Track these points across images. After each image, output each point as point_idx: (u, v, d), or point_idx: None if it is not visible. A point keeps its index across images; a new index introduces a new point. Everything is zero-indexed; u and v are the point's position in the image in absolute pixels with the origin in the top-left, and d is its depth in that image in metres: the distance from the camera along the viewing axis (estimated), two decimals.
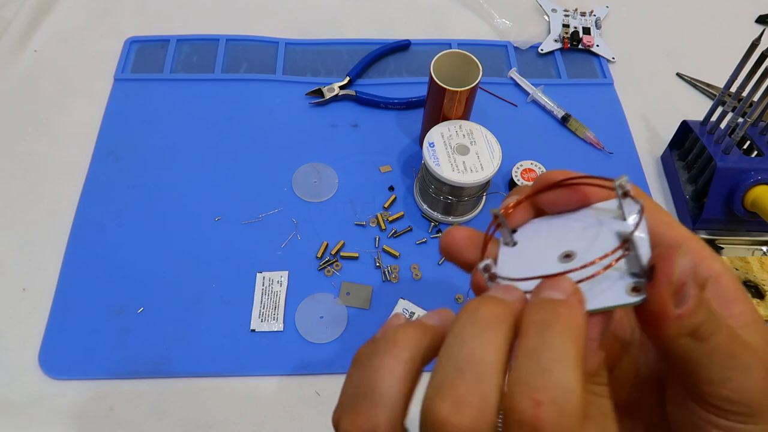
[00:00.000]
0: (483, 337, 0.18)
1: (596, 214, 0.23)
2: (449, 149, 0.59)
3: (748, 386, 0.20)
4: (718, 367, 0.20)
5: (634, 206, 0.22)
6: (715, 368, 0.20)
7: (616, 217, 0.22)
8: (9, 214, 0.64)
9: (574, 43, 0.81)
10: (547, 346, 0.18)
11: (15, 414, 0.52)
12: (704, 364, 0.20)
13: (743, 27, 0.86)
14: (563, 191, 0.23)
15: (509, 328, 0.19)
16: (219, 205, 0.65)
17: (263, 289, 0.60)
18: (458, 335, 0.19)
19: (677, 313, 0.20)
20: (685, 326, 0.20)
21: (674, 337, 0.20)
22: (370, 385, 0.20)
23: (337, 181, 0.68)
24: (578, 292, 0.20)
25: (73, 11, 0.82)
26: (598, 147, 0.72)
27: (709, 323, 0.20)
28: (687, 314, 0.20)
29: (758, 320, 0.22)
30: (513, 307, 0.20)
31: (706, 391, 0.21)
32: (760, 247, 0.64)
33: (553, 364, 0.17)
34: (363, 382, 0.20)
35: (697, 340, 0.20)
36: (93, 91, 0.74)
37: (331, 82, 0.74)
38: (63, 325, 0.57)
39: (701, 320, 0.20)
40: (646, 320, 0.21)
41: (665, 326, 0.20)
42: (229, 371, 0.55)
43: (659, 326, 0.20)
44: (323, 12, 0.84)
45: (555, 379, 0.17)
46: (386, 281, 0.61)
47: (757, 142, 0.62)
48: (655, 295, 0.19)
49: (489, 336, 0.18)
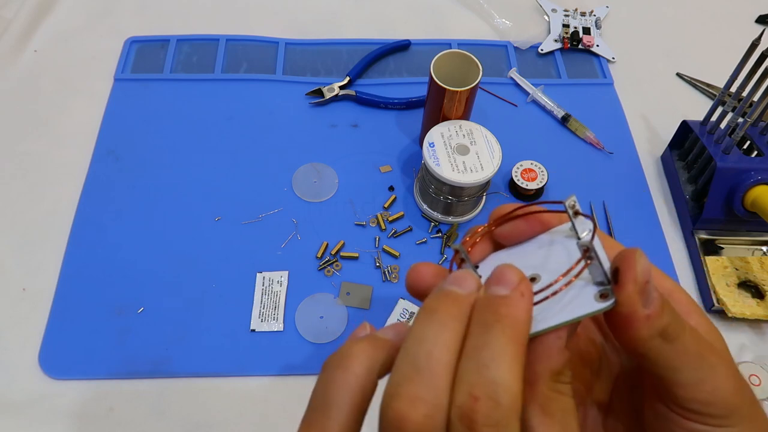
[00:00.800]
0: (438, 337, 0.20)
1: (550, 238, 0.24)
2: (449, 149, 0.59)
3: (721, 387, 0.21)
4: (690, 369, 0.21)
5: (586, 223, 0.23)
6: (688, 370, 0.21)
7: (569, 237, 0.24)
8: (9, 214, 0.64)
9: (574, 43, 0.81)
10: (486, 345, 0.19)
11: (15, 414, 0.52)
12: (677, 367, 0.21)
13: (743, 27, 0.86)
14: (518, 222, 0.25)
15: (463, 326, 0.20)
16: (219, 205, 0.65)
17: (263, 289, 0.60)
18: (416, 336, 0.20)
19: (646, 313, 0.21)
20: (654, 326, 0.21)
21: (646, 339, 0.21)
22: (323, 398, 0.21)
23: (337, 181, 0.68)
24: (523, 283, 0.21)
25: (73, 11, 0.82)
26: (598, 147, 0.72)
27: (675, 324, 0.21)
28: (655, 314, 0.21)
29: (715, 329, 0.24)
30: (468, 301, 0.21)
31: (682, 396, 0.21)
32: (760, 247, 0.64)
33: (491, 361, 0.19)
34: (317, 394, 0.22)
35: (666, 342, 0.21)
36: (93, 91, 0.74)
37: (331, 82, 0.74)
38: (63, 325, 0.57)
39: (668, 321, 0.21)
40: (617, 325, 0.21)
41: (636, 328, 0.21)
42: (229, 371, 0.55)
43: (631, 328, 0.21)
44: (323, 12, 0.84)
45: (491, 376, 0.18)
46: (386, 281, 0.61)
47: (757, 142, 0.62)
48: (623, 296, 0.21)
49: (444, 336, 0.20)
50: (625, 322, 0.21)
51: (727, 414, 0.21)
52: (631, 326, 0.21)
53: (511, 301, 0.20)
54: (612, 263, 0.21)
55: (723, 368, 0.22)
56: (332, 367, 0.22)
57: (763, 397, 0.53)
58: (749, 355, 0.58)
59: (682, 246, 0.66)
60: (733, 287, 0.60)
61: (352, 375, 0.21)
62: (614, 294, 0.21)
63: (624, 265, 0.21)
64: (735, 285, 0.60)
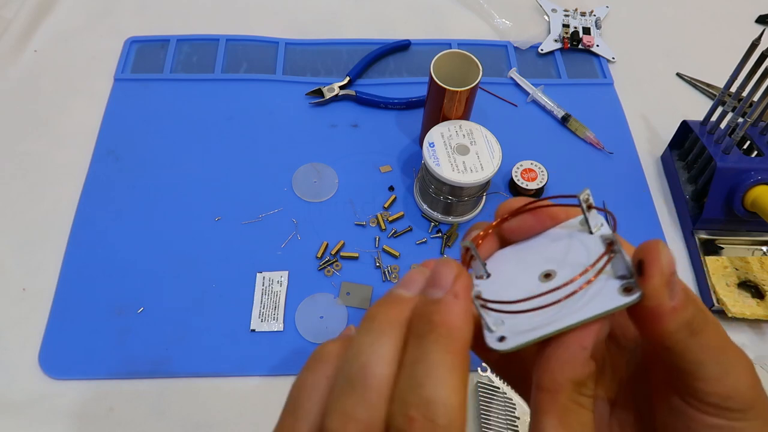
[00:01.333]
0: (374, 348, 0.18)
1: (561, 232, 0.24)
2: (449, 149, 0.59)
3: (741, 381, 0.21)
4: (714, 363, 0.21)
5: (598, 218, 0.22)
6: (711, 364, 0.21)
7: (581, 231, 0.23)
8: (9, 214, 0.64)
9: (574, 43, 0.81)
10: (421, 359, 0.18)
11: (15, 414, 0.52)
12: (702, 361, 0.21)
13: (743, 27, 0.86)
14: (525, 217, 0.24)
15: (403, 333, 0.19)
16: (219, 205, 0.65)
17: (263, 289, 0.60)
18: (354, 346, 0.19)
19: (672, 305, 0.20)
20: (681, 318, 0.20)
21: (673, 332, 0.20)
22: (293, 400, 0.21)
23: (337, 181, 0.68)
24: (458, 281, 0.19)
25: (73, 11, 0.82)
26: (598, 147, 0.72)
27: (699, 316, 0.21)
28: (681, 306, 0.20)
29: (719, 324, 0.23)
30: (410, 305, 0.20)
31: (703, 390, 0.21)
32: (760, 247, 0.64)
33: (425, 378, 0.17)
34: (289, 397, 0.21)
35: (692, 335, 0.20)
36: (93, 91, 0.74)
37: (331, 82, 0.74)
38: (63, 325, 0.57)
39: (693, 313, 0.21)
40: (643, 319, 0.21)
41: (664, 321, 0.20)
42: (229, 371, 0.55)
43: (658, 322, 0.20)
44: (323, 12, 0.84)
45: (426, 394, 0.17)
46: (386, 281, 0.61)
47: (757, 142, 0.62)
48: (650, 288, 0.20)
49: (381, 347, 0.18)
50: (652, 315, 0.20)
51: (745, 408, 0.21)
52: (659, 319, 0.20)
53: (444, 307, 0.19)
54: (634, 256, 0.21)
55: (743, 363, 0.21)
56: (304, 369, 0.21)
57: None
58: (749, 355, 0.58)
59: (682, 246, 0.66)
60: (733, 287, 0.60)
61: (323, 376, 0.20)
62: (639, 287, 0.20)
63: (649, 256, 0.20)
64: (735, 285, 0.60)
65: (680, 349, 0.21)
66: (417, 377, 0.18)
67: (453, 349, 0.18)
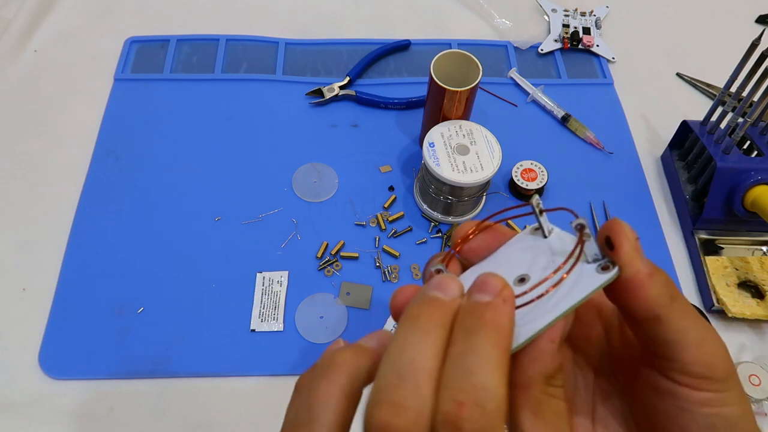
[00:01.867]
0: (421, 344, 0.20)
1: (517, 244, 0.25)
2: (449, 149, 0.59)
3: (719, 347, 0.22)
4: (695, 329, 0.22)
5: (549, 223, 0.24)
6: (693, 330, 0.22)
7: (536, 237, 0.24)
8: (9, 214, 0.64)
9: (574, 43, 0.81)
10: (471, 351, 0.19)
11: (15, 414, 0.52)
12: (685, 327, 0.22)
13: (743, 27, 0.86)
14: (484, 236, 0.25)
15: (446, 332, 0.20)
16: (219, 205, 0.65)
17: (263, 289, 0.60)
18: (399, 343, 0.20)
19: (648, 271, 0.21)
20: (660, 282, 0.22)
21: (656, 296, 0.21)
22: (307, 410, 0.21)
23: (337, 181, 0.68)
24: (506, 289, 0.21)
25: (73, 11, 0.82)
26: (598, 147, 0.72)
27: (672, 283, 0.22)
28: (656, 271, 0.22)
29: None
30: (452, 307, 0.21)
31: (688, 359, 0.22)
32: (760, 247, 0.64)
33: (476, 366, 0.19)
34: (302, 407, 0.21)
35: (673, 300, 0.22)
36: (93, 91, 0.74)
37: (331, 82, 0.74)
38: (63, 325, 0.57)
39: (667, 278, 0.22)
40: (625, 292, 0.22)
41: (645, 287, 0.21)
42: (229, 371, 0.55)
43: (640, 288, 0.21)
44: (323, 12, 0.84)
45: (476, 382, 0.18)
46: (386, 281, 0.61)
47: (757, 142, 0.62)
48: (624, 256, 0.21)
49: (427, 343, 0.20)
50: (633, 284, 0.21)
51: (725, 377, 0.22)
52: (640, 286, 0.21)
53: (495, 307, 0.20)
54: (599, 236, 0.22)
55: (714, 332, 0.22)
56: (316, 378, 0.21)
57: (763, 397, 0.53)
58: (749, 355, 0.58)
59: (682, 246, 0.66)
60: (733, 287, 0.60)
61: (337, 386, 0.21)
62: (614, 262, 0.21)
63: (613, 231, 0.22)
64: (735, 285, 0.60)
65: (665, 315, 0.22)
66: (467, 366, 0.19)
67: (501, 346, 0.19)
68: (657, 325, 0.22)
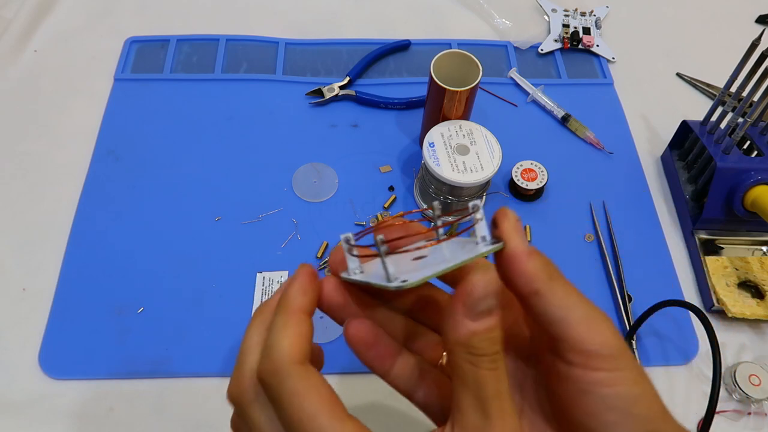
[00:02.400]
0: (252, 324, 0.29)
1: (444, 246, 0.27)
2: (449, 149, 0.59)
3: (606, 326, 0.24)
4: (578, 307, 0.24)
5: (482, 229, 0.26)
6: (577, 308, 0.23)
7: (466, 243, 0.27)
8: (9, 214, 0.64)
9: (574, 43, 0.81)
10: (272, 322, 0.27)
11: (15, 414, 0.52)
12: (568, 305, 0.23)
13: (743, 27, 0.86)
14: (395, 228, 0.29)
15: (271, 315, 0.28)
16: (219, 205, 0.65)
17: (263, 289, 0.60)
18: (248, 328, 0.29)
19: (527, 249, 0.24)
20: (537, 260, 0.24)
21: (534, 272, 0.23)
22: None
23: (337, 181, 0.68)
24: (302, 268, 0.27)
25: (73, 11, 0.82)
26: (598, 147, 0.72)
27: (553, 267, 0.24)
28: (535, 251, 0.24)
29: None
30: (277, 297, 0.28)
31: (579, 337, 0.23)
32: (760, 247, 0.64)
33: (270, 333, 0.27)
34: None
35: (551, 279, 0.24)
36: (93, 91, 0.74)
37: (331, 82, 0.74)
38: (63, 325, 0.57)
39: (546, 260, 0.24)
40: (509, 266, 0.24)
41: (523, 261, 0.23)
42: (229, 371, 0.55)
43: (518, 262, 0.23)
44: (323, 12, 0.84)
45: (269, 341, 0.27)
46: None
47: (757, 142, 0.62)
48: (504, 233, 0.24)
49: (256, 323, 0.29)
50: (512, 258, 0.24)
51: (616, 354, 0.23)
52: (519, 260, 0.23)
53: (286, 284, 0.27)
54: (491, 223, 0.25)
55: (602, 313, 0.24)
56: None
57: (763, 397, 0.53)
58: (749, 355, 0.58)
59: (682, 246, 0.66)
60: (733, 287, 0.60)
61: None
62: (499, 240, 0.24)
63: (498, 215, 0.24)
64: (735, 285, 0.60)
65: (545, 290, 0.23)
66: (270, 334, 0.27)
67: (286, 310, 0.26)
68: (539, 301, 0.24)
